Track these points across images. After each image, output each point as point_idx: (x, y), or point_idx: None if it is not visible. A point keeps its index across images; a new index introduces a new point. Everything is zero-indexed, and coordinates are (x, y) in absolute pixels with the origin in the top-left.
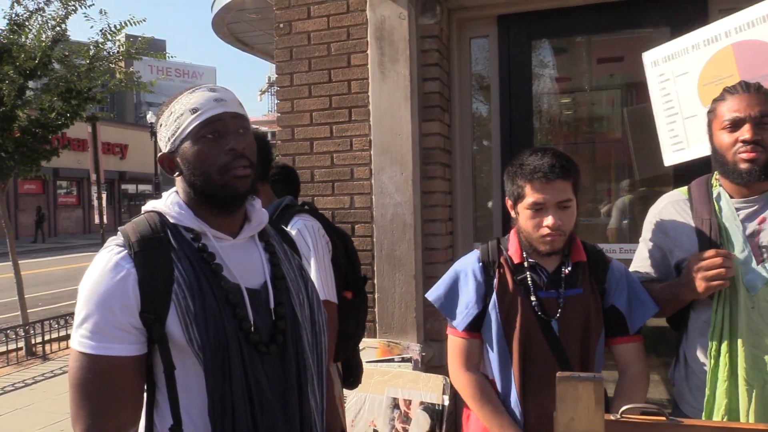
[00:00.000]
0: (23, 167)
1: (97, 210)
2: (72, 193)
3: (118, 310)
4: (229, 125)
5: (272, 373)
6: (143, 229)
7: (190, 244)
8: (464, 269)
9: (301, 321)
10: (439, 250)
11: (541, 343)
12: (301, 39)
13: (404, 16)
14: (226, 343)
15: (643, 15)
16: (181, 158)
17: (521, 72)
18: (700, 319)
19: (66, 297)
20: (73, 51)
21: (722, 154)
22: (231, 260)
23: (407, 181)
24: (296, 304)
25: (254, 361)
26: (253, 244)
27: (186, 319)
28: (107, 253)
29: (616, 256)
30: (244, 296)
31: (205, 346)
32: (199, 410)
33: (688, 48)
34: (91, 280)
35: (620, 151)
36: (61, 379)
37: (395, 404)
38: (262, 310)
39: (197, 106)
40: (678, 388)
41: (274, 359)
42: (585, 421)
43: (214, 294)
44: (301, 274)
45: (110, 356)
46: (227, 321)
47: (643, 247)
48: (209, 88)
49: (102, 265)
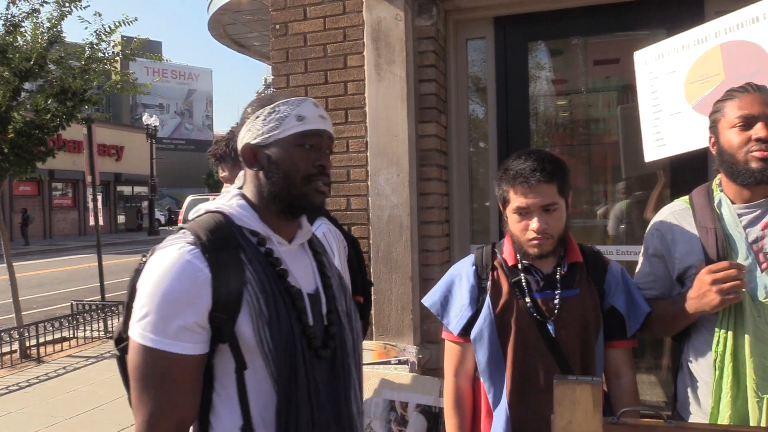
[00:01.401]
0: (18, 169)
1: (93, 212)
2: (67, 194)
3: (185, 308)
4: (324, 143)
5: (324, 377)
6: (212, 228)
7: (255, 247)
8: (459, 274)
9: (346, 327)
10: (436, 252)
11: (539, 344)
12: (298, 40)
13: (401, 17)
14: (294, 347)
15: (639, 17)
16: (269, 155)
17: (518, 74)
18: (703, 327)
19: (60, 299)
20: (69, 52)
21: (731, 153)
22: (291, 265)
23: (404, 183)
24: (341, 311)
25: (313, 365)
26: (304, 251)
27: (258, 321)
28: (177, 250)
29: (614, 257)
30: (306, 301)
31: (277, 349)
32: (260, 411)
33: (678, 48)
34: (158, 275)
35: (616, 153)
36: (55, 382)
37: (392, 407)
38: (317, 315)
39: (304, 115)
40: (681, 397)
41: (326, 364)
42: (583, 424)
43: (283, 298)
44: (341, 282)
45: (172, 353)
46: (294, 325)
47: (645, 261)
48: (315, 103)
49: (171, 261)
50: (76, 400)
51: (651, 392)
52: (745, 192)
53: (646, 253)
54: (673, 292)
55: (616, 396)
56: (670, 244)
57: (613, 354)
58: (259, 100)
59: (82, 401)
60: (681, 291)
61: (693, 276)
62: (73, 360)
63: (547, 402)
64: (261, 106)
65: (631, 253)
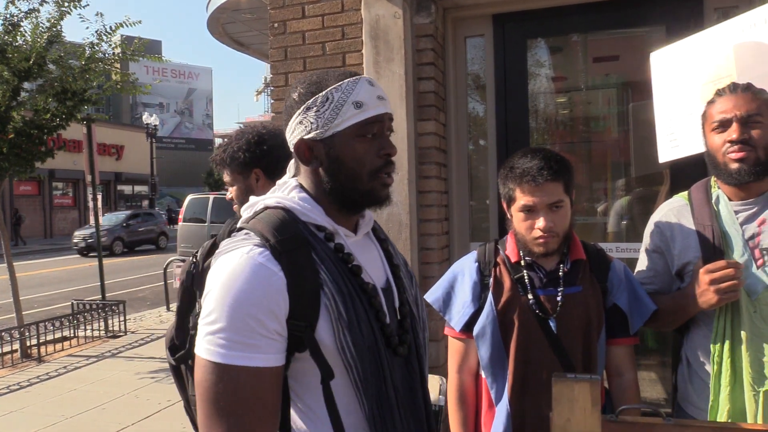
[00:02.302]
0: (18, 168)
1: (93, 211)
2: (68, 194)
3: (263, 316)
4: (386, 127)
5: (401, 374)
6: (279, 226)
7: (324, 244)
8: (461, 270)
9: (417, 317)
10: (435, 250)
11: (541, 341)
12: (296, 38)
13: (399, 15)
14: (378, 351)
15: (638, 14)
16: (328, 150)
17: (517, 71)
18: (702, 322)
19: (61, 299)
20: (68, 52)
21: (713, 155)
22: (360, 259)
23: (403, 181)
24: (411, 301)
25: (393, 365)
26: (370, 241)
27: (338, 325)
28: (246, 254)
29: (614, 255)
30: (381, 298)
31: (361, 354)
32: (346, 419)
33: (693, 48)
34: (227, 283)
35: (617, 150)
36: (55, 381)
37: None
38: (390, 309)
39: (362, 100)
40: (681, 389)
41: (402, 360)
42: (581, 422)
43: (360, 298)
44: (407, 269)
45: (248, 367)
46: (375, 326)
47: (644, 257)
48: (369, 81)
49: (241, 266)
50: (77, 399)
51: (651, 389)
52: (740, 191)
53: (646, 249)
54: (673, 287)
55: (618, 394)
56: (668, 241)
57: (615, 352)
58: (307, 85)
59: (83, 400)
60: (680, 286)
61: (691, 272)
62: (74, 359)
63: (549, 399)
64: (311, 93)
65: (631, 250)
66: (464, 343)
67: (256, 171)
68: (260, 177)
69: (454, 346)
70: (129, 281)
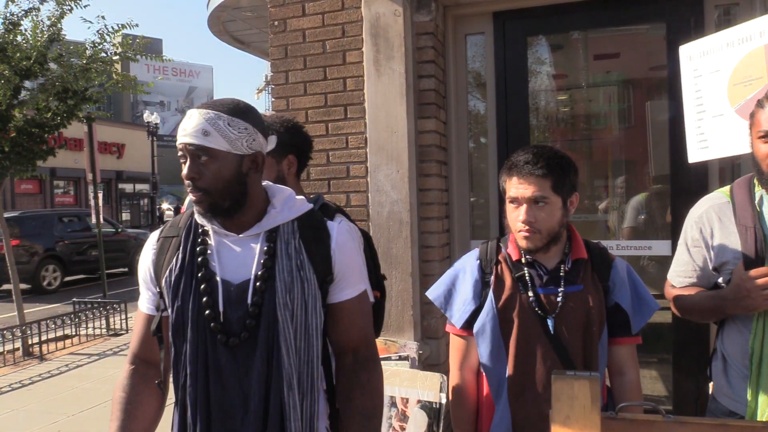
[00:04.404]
0: (19, 167)
1: (94, 209)
2: (69, 192)
3: None
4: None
5: (226, 360)
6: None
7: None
8: (463, 268)
9: (281, 319)
10: (436, 248)
11: (541, 339)
12: (296, 36)
13: (399, 13)
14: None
15: (639, 11)
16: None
17: (517, 69)
18: (738, 318)
19: (63, 298)
20: (70, 51)
21: (758, 162)
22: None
23: (403, 179)
24: (280, 303)
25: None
26: (254, 241)
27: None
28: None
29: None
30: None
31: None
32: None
33: (723, 45)
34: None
35: (617, 148)
36: (57, 379)
37: (392, 403)
38: (238, 303)
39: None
40: (716, 381)
41: (229, 350)
42: (581, 420)
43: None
44: (303, 274)
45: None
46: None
47: (683, 251)
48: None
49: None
50: (79, 397)
51: (651, 387)
52: None
53: (684, 243)
54: (711, 281)
55: (619, 393)
56: (708, 237)
57: (617, 351)
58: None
59: (85, 398)
60: (717, 281)
61: (729, 271)
62: (76, 357)
63: (549, 396)
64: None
65: (631, 248)
66: (465, 341)
67: (290, 157)
68: (293, 164)
69: (455, 343)
70: (129, 280)
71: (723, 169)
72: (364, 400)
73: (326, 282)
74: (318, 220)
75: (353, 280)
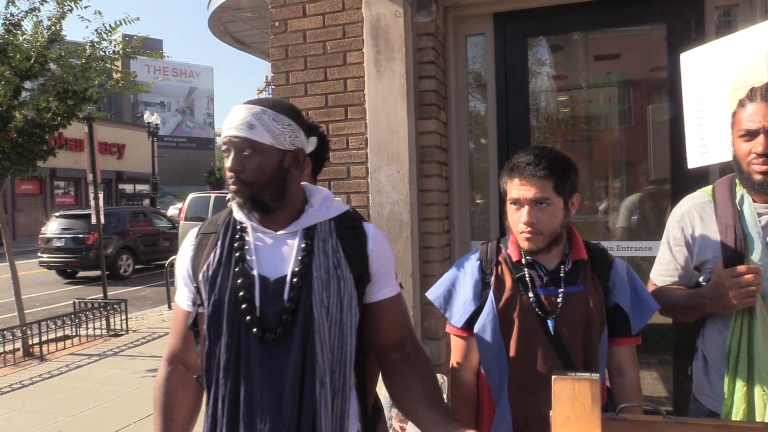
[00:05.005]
0: (19, 167)
1: (94, 210)
2: (69, 193)
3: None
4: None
5: (260, 355)
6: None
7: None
8: (463, 268)
9: (316, 316)
10: (436, 249)
11: (541, 340)
12: (297, 37)
13: (400, 14)
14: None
15: (639, 12)
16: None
17: (518, 69)
18: (717, 317)
19: (63, 297)
20: (70, 51)
21: (739, 162)
22: (264, 251)
23: (404, 180)
24: (316, 300)
25: (248, 341)
26: (293, 238)
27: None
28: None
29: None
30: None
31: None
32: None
33: (723, 51)
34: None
35: (617, 149)
36: (57, 380)
37: (392, 403)
38: (275, 298)
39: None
40: (697, 381)
41: (265, 344)
42: (582, 420)
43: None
44: (340, 273)
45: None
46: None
47: (665, 250)
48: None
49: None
50: (79, 397)
51: (652, 387)
52: (764, 194)
53: (666, 242)
54: (693, 280)
55: (620, 393)
56: (689, 236)
57: (617, 351)
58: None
59: (85, 399)
60: (699, 279)
61: (709, 270)
62: (76, 358)
63: (549, 397)
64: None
65: (631, 248)
66: (465, 341)
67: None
68: (308, 166)
69: (455, 344)
70: (129, 279)
71: (723, 170)
72: (427, 384)
73: (363, 281)
74: (355, 220)
75: (391, 279)
